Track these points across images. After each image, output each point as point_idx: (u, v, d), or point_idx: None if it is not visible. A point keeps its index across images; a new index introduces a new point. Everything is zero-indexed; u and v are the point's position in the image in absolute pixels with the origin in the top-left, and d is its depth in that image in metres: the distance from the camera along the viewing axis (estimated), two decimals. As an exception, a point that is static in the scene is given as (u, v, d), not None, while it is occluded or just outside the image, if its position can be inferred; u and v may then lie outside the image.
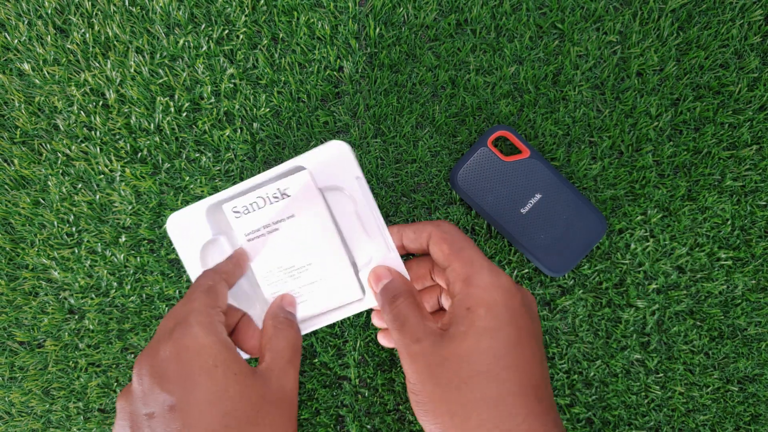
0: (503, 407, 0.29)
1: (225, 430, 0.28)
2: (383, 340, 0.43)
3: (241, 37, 0.49)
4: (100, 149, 0.50)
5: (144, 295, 0.51)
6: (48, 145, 0.51)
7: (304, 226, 0.40)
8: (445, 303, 0.40)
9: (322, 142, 0.50)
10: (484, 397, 0.29)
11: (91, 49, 0.49)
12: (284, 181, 0.39)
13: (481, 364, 0.29)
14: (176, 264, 0.51)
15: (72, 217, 0.51)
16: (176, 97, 0.50)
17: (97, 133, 0.50)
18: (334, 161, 0.40)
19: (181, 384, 0.29)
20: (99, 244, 0.51)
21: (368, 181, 0.50)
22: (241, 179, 0.50)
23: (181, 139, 0.50)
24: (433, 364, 0.30)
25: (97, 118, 0.50)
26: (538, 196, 0.49)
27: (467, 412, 0.29)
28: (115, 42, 0.49)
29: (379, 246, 0.39)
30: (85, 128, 0.50)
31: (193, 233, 0.41)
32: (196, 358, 0.29)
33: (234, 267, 0.38)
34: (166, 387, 0.29)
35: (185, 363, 0.29)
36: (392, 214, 0.50)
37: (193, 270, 0.41)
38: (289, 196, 0.39)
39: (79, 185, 0.51)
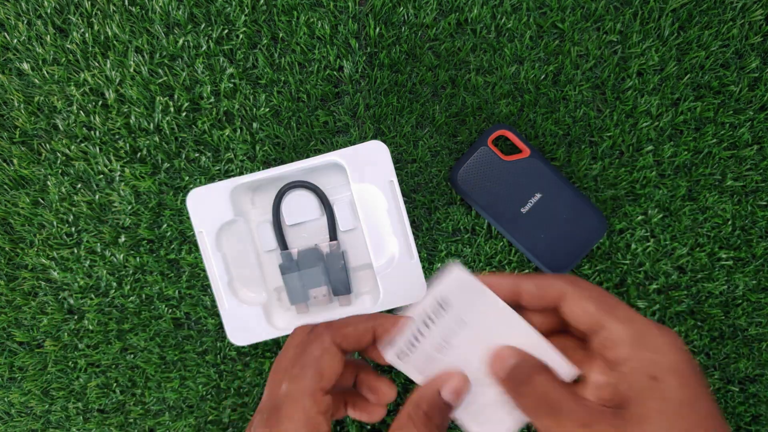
0: None
1: None
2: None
3: (241, 36, 0.49)
4: (100, 149, 0.50)
5: (143, 296, 0.51)
6: (47, 145, 0.50)
7: (484, 328, 0.30)
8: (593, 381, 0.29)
9: (322, 143, 0.50)
10: None
11: (90, 48, 0.49)
12: (439, 290, 0.30)
13: None
14: (176, 264, 0.51)
15: (71, 217, 0.51)
16: (176, 96, 0.50)
17: (97, 132, 0.50)
18: (371, 160, 0.40)
19: None
20: (98, 244, 0.51)
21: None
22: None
23: (180, 138, 0.50)
24: None
25: (97, 118, 0.50)
26: (539, 195, 0.49)
27: None
28: (115, 42, 0.49)
29: (401, 250, 0.39)
30: (84, 128, 0.50)
31: (213, 212, 0.41)
32: None
33: (362, 333, 0.30)
34: None
35: None
36: (392, 214, 0.50)
37: (206, 248, 0.41)
38: (451, 305, 0.30)
39: (79, 185, 0.51)
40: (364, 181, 0.41)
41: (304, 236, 0.46)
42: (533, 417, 0.27)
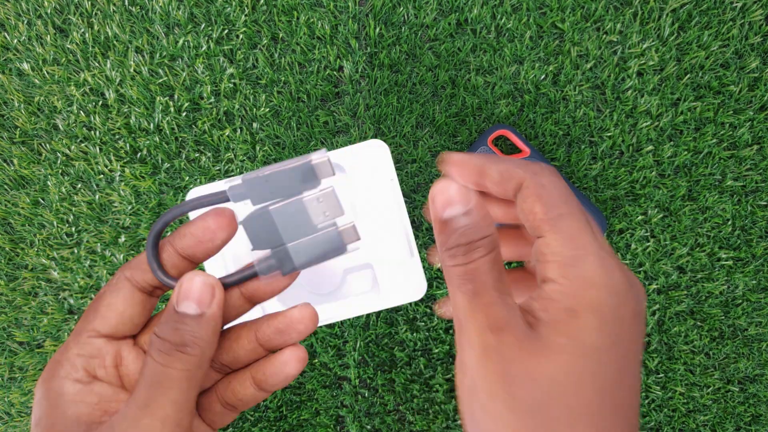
0: None
1: None
2: (445, 309, 0.30)
3: (241, 36, 0.49)
4: (100, 149, 0.50)
5: (143, 296, 0.51)
6: (47, 145, 0.50)
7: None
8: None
9: (322, 143, 0.50)
10: None
11: (90, 48, 0.49)
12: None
13: (582, 400, 0.21)
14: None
15: (71, 217, 0.51)
16: (176, 96, 0.50)
17: (97, 133, 0.50)
18: (370, 160, 0.39)
19: None
20: (98, 244, 0.51)
21: (368, 181, 0.50)
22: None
23: (180, 139, 0.50)
24: (513, 376, 0.22)
25: (97, 118, 0.50)
26: (539, 196, 0.49)
27: None
28: (115, 42, 0.49)
29: (402, 249, 0.38)
30: (84, 128, 0.50)
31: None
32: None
33: (149, 259, 0.25)
34: None
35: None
36: (392, 214, 0.50)
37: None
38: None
39: (79, 185, 0.51)
40: (364, 180, 0.40)
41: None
42: (450, 283, 0.24)
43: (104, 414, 0.24)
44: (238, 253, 0.47)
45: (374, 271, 0.44)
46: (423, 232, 0.50)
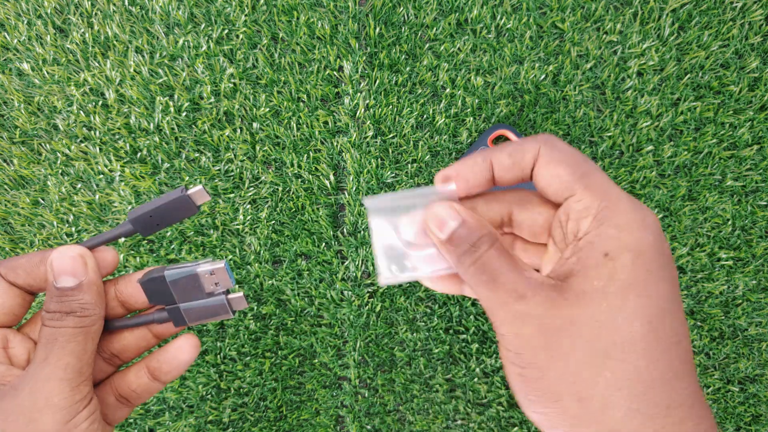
0: (663, 391, 0.22)
1: None
2: (440, 285, 0.31)
3: (241, 36, 0.49)
4: (100, 149, 0.50)
5: (143, 296, 0.51)
6: (47, 145, 0.50)
7: None
8: (545, 259, 0.28)
9: (323, 143, 0.50)
10: (632, 380, 0.21)
11: (90, 48, 0.49)
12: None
13: (630, 332, 0.21)
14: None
15: (71, 217, 0.51)
16: (176, 96, 0.50)
17: (97, 133, 0.50)
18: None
19: None
20: (98, 244, 0.51)
21: (368, 181, 0.50)
22: (241, 179, 0.50)
23: (180, 139, 0.50)
24: (553, 329, 0.22)
25: (97, 118, 0.50)
26: (539, 196, 0.49)
27: (607, 399, 0.22)
28: (115, 42, 0.49)
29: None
30: (84, 128, 0.50)
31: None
32: None
33: (36, 264, 0.27)
34: None
35: None
36: (392, 214, 0.50)
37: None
38: None
39: (79, 185, 0.51)
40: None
41: None
42: (471, 284, 0.25)
43: (1, 385, 0.25)
44: None
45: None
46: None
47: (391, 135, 0.50)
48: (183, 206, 0.27)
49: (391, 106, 0.49)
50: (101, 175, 0.50)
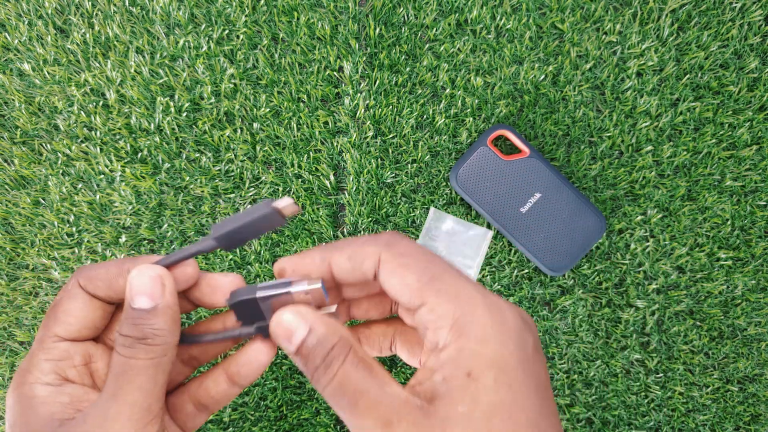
0: None
1: None
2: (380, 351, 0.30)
3: (241, 37, 0.49)
4: (101, 149, 0.50)
5: (144, 295, 0.51)
6: (48, 145, 0.51)
7: None
8: (411, 355, 0.28)
9: (323, 143, 0.50)
10: None
11: (91, 49, 0.49)
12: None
13: None
14: (176, 264, 0.51)
15: (72, 217, 0.51)
16: (176, 97, 0.50)
17: (98, 133, 0.50)
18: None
19: None
20: (99, 244, 0.51)
21: (368, 182, 0.50)
22: (241, 179, 0.50)
23: (181, 139, 0.50)
24: None
25: (98, 118, 0.50)
26: (538, 195, 0.49)
27: None
28: (116, 42, 0.49)
29: None
30: (85, 128, 0.50)
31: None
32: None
33: (114, 276, 0.26)
34: None
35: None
36: (392, 214, 0.50)
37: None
38: None
39: (80, 185, 0.51)
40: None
41: None
42: (333, 407, 0.23)
43: (76, 412, 0.24)
44: None
45: None
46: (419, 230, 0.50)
47: (391, 135, 0.50)
48: (270, 220, 0.25)
49: (391, 107, 0.49)
50: (102, 176, 0.51)
